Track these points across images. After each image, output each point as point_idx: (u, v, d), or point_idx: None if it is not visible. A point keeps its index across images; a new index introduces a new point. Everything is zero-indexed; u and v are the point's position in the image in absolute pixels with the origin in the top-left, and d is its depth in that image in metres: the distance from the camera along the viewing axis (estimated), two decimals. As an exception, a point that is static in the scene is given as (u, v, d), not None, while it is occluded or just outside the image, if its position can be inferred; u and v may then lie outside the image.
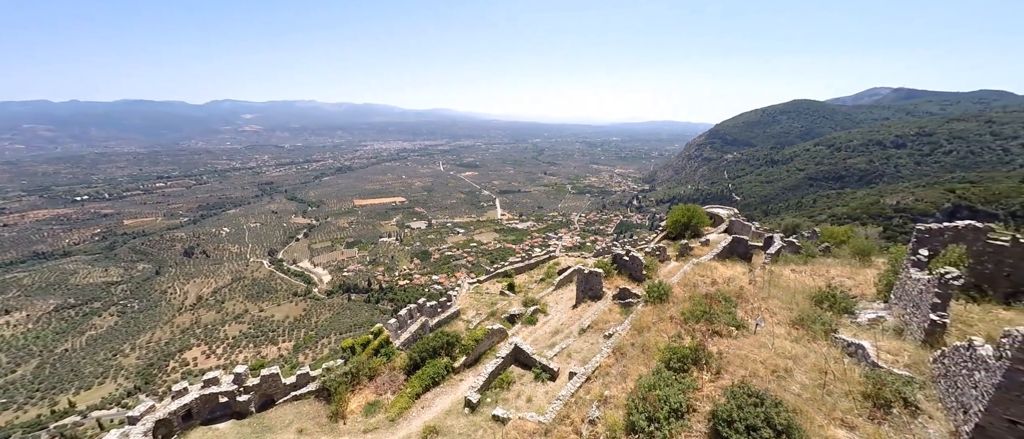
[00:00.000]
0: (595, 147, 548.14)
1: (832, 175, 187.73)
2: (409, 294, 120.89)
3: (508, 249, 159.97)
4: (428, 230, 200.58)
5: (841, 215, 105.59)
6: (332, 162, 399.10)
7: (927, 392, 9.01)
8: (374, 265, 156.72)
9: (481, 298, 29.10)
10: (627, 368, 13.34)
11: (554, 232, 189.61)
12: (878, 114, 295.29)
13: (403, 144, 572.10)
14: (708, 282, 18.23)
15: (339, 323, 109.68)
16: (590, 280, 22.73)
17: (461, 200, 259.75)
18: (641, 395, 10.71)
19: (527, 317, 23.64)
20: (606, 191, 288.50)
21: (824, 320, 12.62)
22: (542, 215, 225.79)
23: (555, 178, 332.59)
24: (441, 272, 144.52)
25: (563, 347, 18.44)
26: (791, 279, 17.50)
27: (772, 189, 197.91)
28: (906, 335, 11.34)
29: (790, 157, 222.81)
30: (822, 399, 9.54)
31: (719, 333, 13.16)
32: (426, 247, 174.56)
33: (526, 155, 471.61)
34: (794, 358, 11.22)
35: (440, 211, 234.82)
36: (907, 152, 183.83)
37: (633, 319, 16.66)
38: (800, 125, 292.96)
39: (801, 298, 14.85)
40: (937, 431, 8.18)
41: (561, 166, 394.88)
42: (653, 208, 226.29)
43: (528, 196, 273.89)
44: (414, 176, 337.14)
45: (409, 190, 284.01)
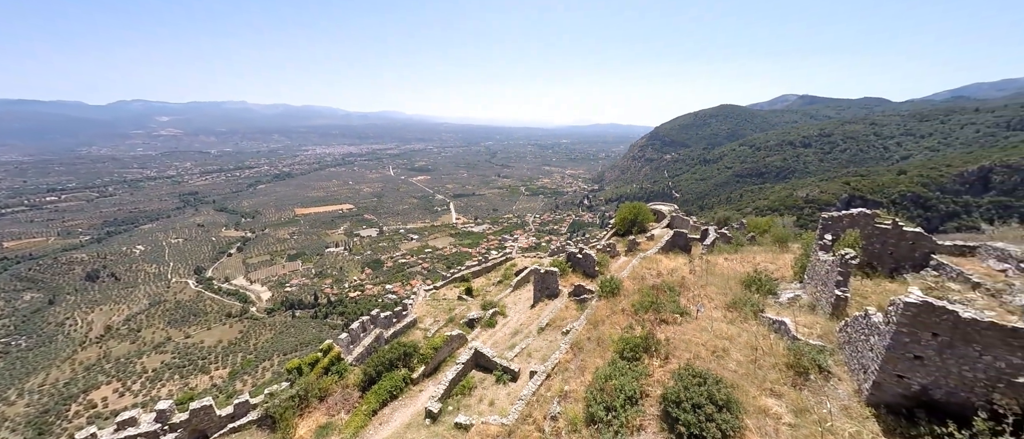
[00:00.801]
0: (546, 149, 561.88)
1: (754, 172, 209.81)
2: (361, 306, 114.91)
3: (464, 253, 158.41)
4: (379, 238, 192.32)
5: (763, 207, 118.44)
6: (268, 169, 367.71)
7: (836, 358, 10.38)
8: (321, 278, 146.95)
9: (438, 305, 28.50)
10: (585, 362, 13.83)
11: (510, 234, 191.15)
12: (788, 118, 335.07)
13: (349, 148, 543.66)
14: (654, 274, 19.47)
15: (283, 343, 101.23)
16: (546, 279, 23.23)
17: (414, 205, 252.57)
18: (598, 386, 11.16)
19: (486, 320, 23.56)
20: (558, 192, 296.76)
21: (753, 302, 14.05)
22: (497, 217, 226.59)
23: (509, 180, 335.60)
24: (395, 281, 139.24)
25: (523, 347, 18.64)
26: (725, 267, 19.25)
27: (706, 186, 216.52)
28: (818, 309, 12.99)
29: (719, 157, 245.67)
30: (754, 373, 10.61)
31: (666, 321, 14.12)
32: (378, 255, 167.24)
33: (479, 158, 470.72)
34: (730, 338, 12.36)
35: (392, 217, 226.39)
36: (812, 151, 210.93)
37: (588, 314, 17.30)
38: (726, 128, 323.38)
39: (733, 283, 16.39)
40: (845, 390, 9.46)
41: (514, 168, 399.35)
42: (603, 207, 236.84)
43: (483, 199, 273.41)
44: (362, 182, 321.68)
45: (357, 196, 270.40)
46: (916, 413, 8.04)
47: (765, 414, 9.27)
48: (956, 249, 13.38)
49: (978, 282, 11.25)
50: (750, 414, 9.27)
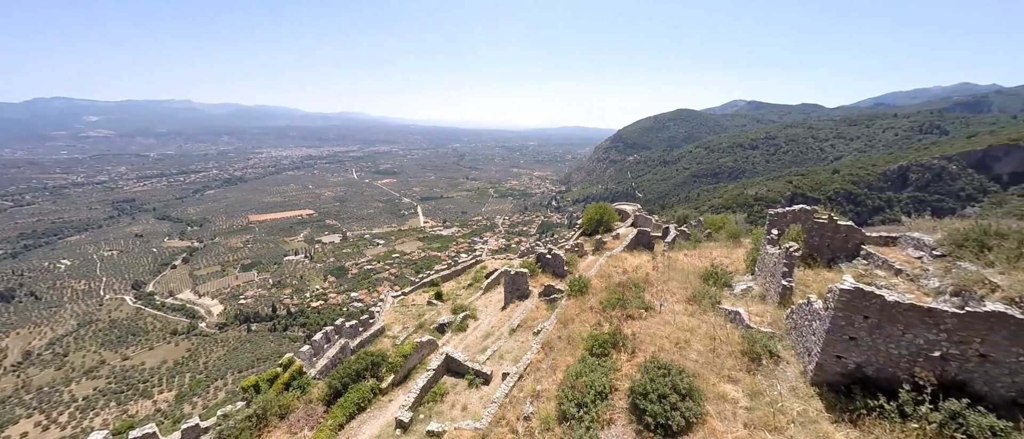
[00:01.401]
0: (514, 151, 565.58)
1: (709, 172, 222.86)
2: (324, 316, 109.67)
3: (434, 257, 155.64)
4: (343, 244, 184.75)
5: (718, 205, 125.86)
6: (218, 173, 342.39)
7: (784, 343, 11.23)
8: (279, 288, 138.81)
9: (407, 311, 27.81)
10: (556, 360, 14.03)
11: (479, 236, 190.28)
12: (738, 122, 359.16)
13: (308, 151, 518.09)
14: (620, 272, 20.14)
15: (238, 360, 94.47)
16: (517, 281, 23.35)
17: (379, 209, 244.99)
18: (569, 384, 11.36)
19: (457, 324, 23.29)
20: (527, 193, 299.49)
21: (711, 295, 14.90)
22: (466, 220, 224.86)
23: (477, 183, 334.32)
24: (361, 288, 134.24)
25: (495, 349, 18.60)
26: (685, 263, 20.27)
27: (666, 186, 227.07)
28: (767, 299, 14.00)
29: (678, 158, 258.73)
30: (713, 361, 11.25)
31: (632, 316, 14.63)
32: (342, 262, 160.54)
33: (447, 160, 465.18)
34: (691, 330, 13.02)
35: (356, 222, 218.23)
36: (759, 152, 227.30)
37: (558, 313, 17.58)
38: (684, 131, 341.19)
39: (693, 278, 17.30)
40: (792, 372, 10.26)
41: (482, 170, 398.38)
42: (570, 207, 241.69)
43: (451, 202, 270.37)
44: (323, 185, 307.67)
45: (318, 201, 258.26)
46: (853, 389, 8.87)
47: (724, 399, 9.85)
48: (881, 240, 14.93)
49: (900, 269, 12.62)
50: (710, 400, 9.82)
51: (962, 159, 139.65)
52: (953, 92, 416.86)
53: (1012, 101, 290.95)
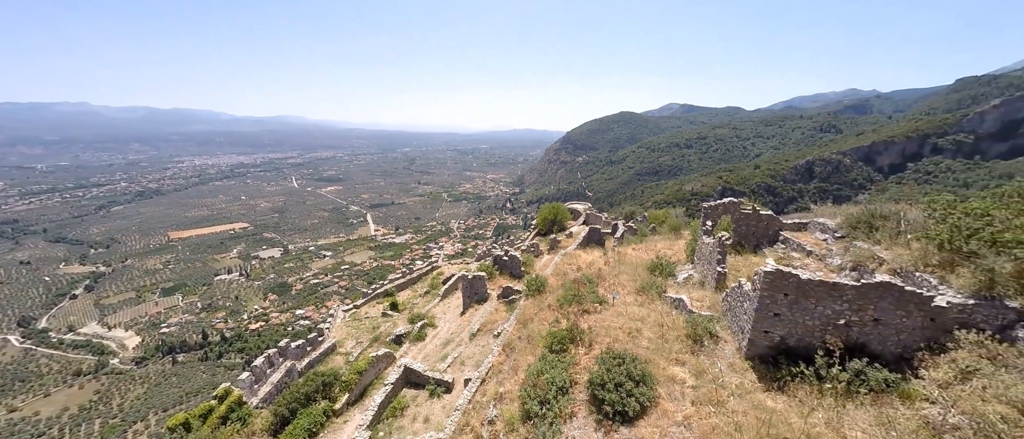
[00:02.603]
0: (466, 155, 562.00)
1: (652, 170, 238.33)
2: (266, 338, 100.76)
3: (387, 266, 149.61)
4: (285, 258, 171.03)
5: (660, 201, 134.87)
6: (127, 185, 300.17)
7: (722, 324, 12.33)
8: (210, 311, 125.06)
9: (361, 324, 26.45)
10: (517, 361, 14.15)
11: (435, 242, 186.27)
12: (674, 123, 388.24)
13: (239, 158, 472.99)
14: (574, 269, 20.83)
15: (162, 397, 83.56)
16: (475, 285, 23.22)
17: (325, 219, 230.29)
18: (531, 383, 11.52)
19: (415, 334, 22.60)
20: (481, 196, 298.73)
21: (657, 285, 15.94)
22: (420, 226, 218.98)
23: (430, 187, 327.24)
24: (307, 304, 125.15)
25: (456, 356, 18.34)
26: (633, 256, 21.47)
27: (614, 184, 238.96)
28: (706, 285, 15.28)
29: (623, 158, 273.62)
30: (662, 347, 12.04)
31: (588, 311, 15.20)
32: (284, 278, 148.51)
33: (397, 165, 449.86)
34: (641, 319, 13.82)
35: (298, 234, 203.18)
36: (693, 151, 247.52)
37: (517, 314, 17.75)
38: (627, 132, 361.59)
39: (641, 270, 18.38)
40: (730, 350, 11.30)
41: (435, 175, 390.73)
42: (525, 209, 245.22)
43: (403, 208, 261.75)
44: (259, 196, 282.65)
45: (254, 213, 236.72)
46: (779, 359, 9.97)
47: (673, 381, 10.58)
48: (795, 226, 16.97)
49: (810, 250, 14.44)
50: (661, 383, 10.49)
51: (853, 154, 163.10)
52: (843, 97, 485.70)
53: (888, 104, 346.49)
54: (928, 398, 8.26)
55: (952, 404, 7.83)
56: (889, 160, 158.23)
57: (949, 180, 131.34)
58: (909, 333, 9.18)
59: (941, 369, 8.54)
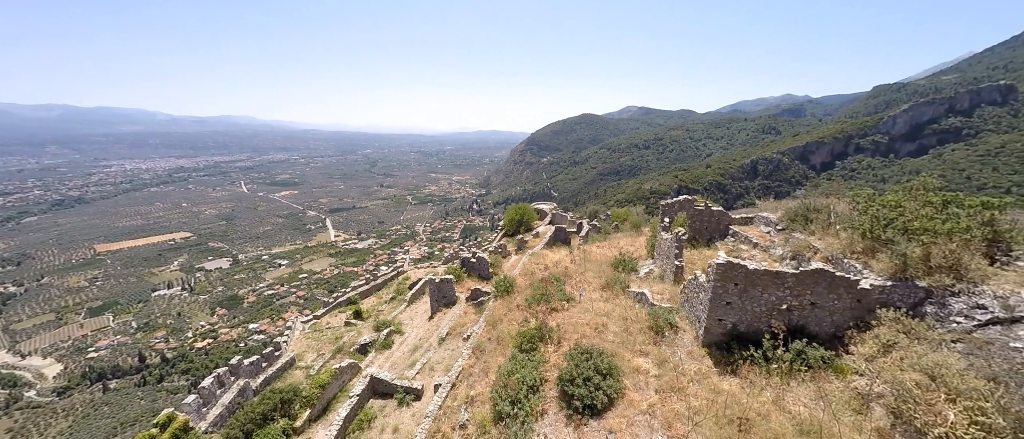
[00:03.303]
0: (431, 156, 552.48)
1: (613, 170, 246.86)
2: (215, 357, 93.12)
3: (349, 273, 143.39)
4: (234, 269, 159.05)
5: (622, 199, 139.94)
6: (42, 193, 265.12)
7: (680, 315, 13.03)
8: (147, 331, 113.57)
9: (322, 335, 25.16)
10: (487, 363, 14.12)
11: (400, 246, 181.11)
12: (633, 125, 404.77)
13: (178, 161, 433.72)
14: (542, 268, 21.11)
15: (92, 430, 74.68)
16: (442, 288, 22.86)
17: (279, 225, 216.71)
18: (502, 383, 11.54)
19: (381, 342, 21.85)
20: (447, 198, 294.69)
21: (621, 280, 16.54)
22: (384, 230, 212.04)
23: (394, 190, 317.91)
24: (262, 317, 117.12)
25: (425, 362, 17.95)
26: (597, 254, 22.13)
27: (578, 184, 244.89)
28: (665, 278, 16.07)
29: (586, 159, 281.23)
30: (627, 339, 12.51)
31: (556, 309, 15.47)
32: (234, 291, 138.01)
33: (358, 167, 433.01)
34: (607, 314, 14.28)
35: (249, 243, 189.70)
36: (651, 152, 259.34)
37: (486, 316, 17.71)
38: (589, 133, 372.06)
39: (605, 267, 18.99)
40: (688, 338, 11.96)
41: (398, 177, 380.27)
42: (492, 210, 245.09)
43: (365, 212, 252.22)
44: (203, 202, 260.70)
45: (197, 221, 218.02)
46: (731, 345, 10.71)
47: (638, 372, 11.03)
48: (743, 220, 18.29)
49: (756, 242, 15.61)
50: (627, 374, 10.90)
51: (791, 153, 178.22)
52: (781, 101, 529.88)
53: (818, 108, 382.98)
54: (857, 371, 9.22)
55: (876, 375, 8.79)
56: (821, 158, 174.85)
57: (870, 176, 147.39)
58: (840, 314, 10.20)
59: (867, 344, 9.56)
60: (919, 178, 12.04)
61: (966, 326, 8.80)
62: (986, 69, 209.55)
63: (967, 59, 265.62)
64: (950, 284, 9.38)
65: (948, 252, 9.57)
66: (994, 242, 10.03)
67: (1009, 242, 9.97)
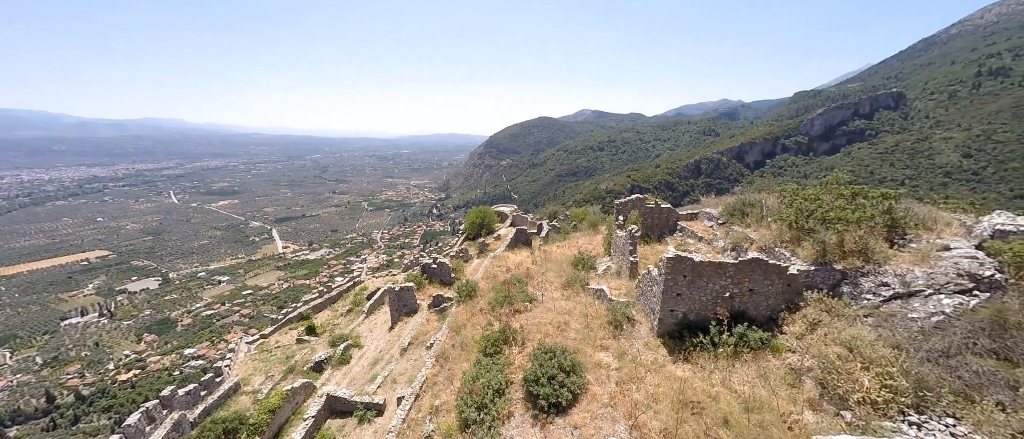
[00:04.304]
0: (387, 161, 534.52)
1: (570, 172, 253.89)
2: (143, 389, 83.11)
3: (301, 287, 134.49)
4: (165, 289, 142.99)
5: (579, 200, 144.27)
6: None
7: (636, 308, 13.65)
8: (57, 366, 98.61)
9: (271, 356, 23.36)
10: (452, 370, 13.87)
11: (356, 255, 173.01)
12: (588, 128, 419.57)
13: (91, 170, 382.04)
14: (504, 270, 21.17)
15: (-22, 488, 63.15)
16: (403, 296, 22.16)
17: (217, 239, 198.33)
18: (467, 390, 11.39)
19: (338, 358, 20.70)
20: (405, 204, 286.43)
21: (581, 278, 17.02)
22: (338, 239, 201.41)
23: (347, 196, 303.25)
24: (199, 341, 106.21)
25: (386, 375, 17.25)
26: (558, 253, 22.60)
27: (537, 186, 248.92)
28: (621, 274, 16.77)
29: (544, 161, 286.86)
30: (588, 335, 12.88)
31: (519, 310, 15.56)
32: (165, 313, 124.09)
33: (306, 174, 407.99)
34: (569, 312, 14.61)
35: (182, 259, 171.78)
36: (605, 153, 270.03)
37: (449, 322, 17.41)
38: (546, 136, 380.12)
39: (566, 266, 19.44)
40: (644, 331, 12.56)
41: (352, 183, 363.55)
42: (452, 214, 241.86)
43: (317, 220, 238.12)
44: (123, 216, 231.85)
45: (116, 238, 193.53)
46: (683, 333, 11.39)
47: (599, 366, 11.39)
48: (689, 216, 19.58)
49: (701, 236, 16.77)
50: (590, 369, 11.22)
51: (728, 153, 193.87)
52: (718, 105, 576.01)
53: (750, 112, 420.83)
54: (790, 349, 10.19)
55: (805, 351, 9.78)
56: (754, 157, 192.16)
57: (794, 172, 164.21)
58: (774, 298, 11.23)
59: (797, 324, 10.62)
60: (832, 174, 13.62)
61: (874, 302, 10.06)
62: (882, 79, 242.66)
63: (867, 70, 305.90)
64: (860, 266, 10.68)
65: (858, 238, 10.91)
66: (892, 228, 11.58)
67: (904, 227, 11.57)
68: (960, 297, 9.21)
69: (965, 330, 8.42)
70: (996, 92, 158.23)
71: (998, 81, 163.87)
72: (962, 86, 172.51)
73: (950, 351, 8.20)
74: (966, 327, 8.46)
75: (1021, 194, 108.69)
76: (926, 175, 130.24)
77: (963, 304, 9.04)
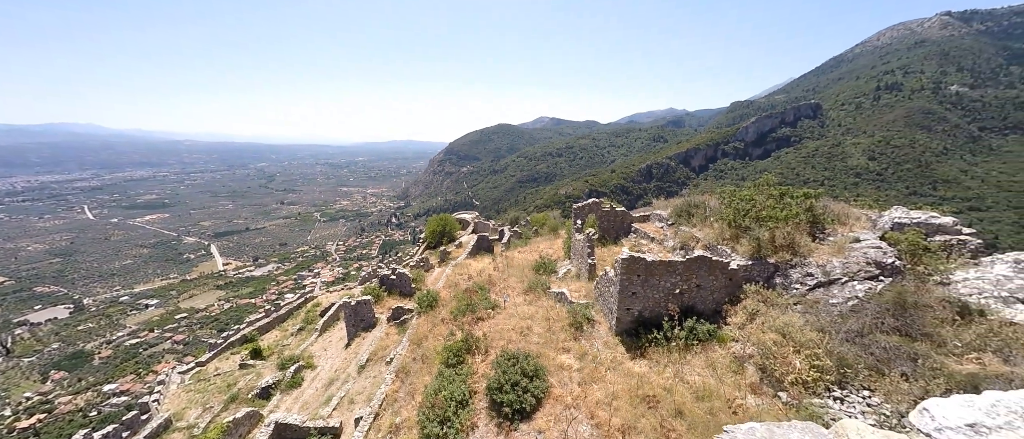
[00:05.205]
0: (341, 168, 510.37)
1: (531, 177, 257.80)
2: (51, 435, 71.92)
3: (245, 306, 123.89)
4: (77, 318, 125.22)
5: (540, 205, 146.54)
6: None
7: (596, 308, 14.05)
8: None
9: (209, 385, 21.25)
10: (414, 385, 13.40)
11: (309, 269, 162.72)
12: (547, 135, 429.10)
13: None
14: (466, 278, 20.92)
15: None
16: (359, 311, 21.15)
17: (144, 258, 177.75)
18: (429, 404, 11.04)
19: (288, 381, 19.27)
20: (362, 213, 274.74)
21: (542, 282, 17.23)
22: (287, 253, 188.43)
23: (298, 207, 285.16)
24: (122, 375, 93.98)
25: (342, 396, 16.31)
26: (520, 259, 22.75)
27: (498, 192, 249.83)
28: (581, 276, 17.21)
29: (505, 167, 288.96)
30: (551, 339, 13.03)
31: (482, 318, 15.41)
32: (78, 345, 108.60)
33: (249, 183, 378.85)
34: (531, 317, 14.71)
35: (100, 282, 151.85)
36: (564, 159, 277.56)
37: (410, 334, 16.86)
38: (506, 143, 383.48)
39: (528, 271, 19.60)
40: (604, 330, 12.95)
41: (303, 192, 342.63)
42: (413, 223, 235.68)
43: (263, 233, 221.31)
44: (23, 235, 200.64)
45: (14, 261, 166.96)
46: (639, 330, 11.89)
47: (562, 368, 11.54)
48: (642, 218, 20.58)
49: (653, 237, 17.68)
50: (553, 372, 11.33)
51: (676, 158, 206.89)
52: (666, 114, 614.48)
53: (694, 120, 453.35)
54: (734, 338, 10.98)
55: (747, 339, 10.59)
56: (698, 162, 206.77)
57: (733, 176, 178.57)
58: (719, 292, 12.07)
59: (738, 315, 11.48)
60: (763, 176, 15.00)
61: (802, 291, 11.15)
62: (802, 91, 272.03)
63: (791, 82, 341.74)
64: (789, 259, 11.80)
65: (786, 234, 12.06)
66: (814, 223, 12.95)
67: (823, 223, 12.98)
68: (869, 283, 10.47)
69: (874, 312, 9.57)
70: (892, 104, 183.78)
71: (893, 94, 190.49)
72: (866, 98, 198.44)
73: (863, 331, 9.26)
74: (875, 309, 9.62)
75: (914, 191, 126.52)
76: (840, 176, 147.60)
77: (872, 288, 10.29)
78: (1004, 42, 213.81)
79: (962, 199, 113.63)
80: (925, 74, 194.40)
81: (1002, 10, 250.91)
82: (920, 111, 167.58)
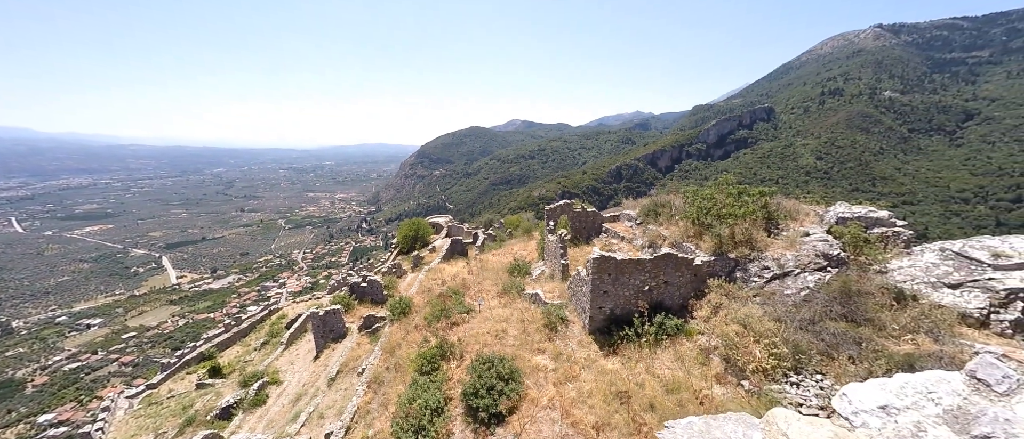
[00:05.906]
0: (306, 173, 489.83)
1: (504, 180, 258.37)
2: (-31, 476, 63.95)
3: (203, 322, 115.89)
4: (6, 342, 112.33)
5: (514, 207, 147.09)
6: None
7: (569, 308, 14.24)
8: None
9: (161, 409, 19.71)
10: (387, 395, 13.03)
11: (274, 279, 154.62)
12: (518, 138, 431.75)
13: None
14: (440, 283, 20.64)
15: None
16: (329, 320, 20.34)
17: (85, 273, 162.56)
18: (403, 413, 10.78)
19: (251, 399, 18.20)
20: (330, 219, 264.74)
21: (517, 285, 17.27)
22: (250, 263, 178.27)
23: (260, 214, 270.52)
24: (61, 403, 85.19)
25: (311, 411, 15.58)
26: (494, 261, 22.71)
27: (472, 195, 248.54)
28: (555, 277, 17.41)
29: (478, 169, 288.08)
30: (526, 341, 13.07)
31: (456, 323, 15.24)
32: (7, 373, 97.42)
33: (206, 190, 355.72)
34: (506, 319, 14.70)
35: (32, 302, 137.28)
36: (536, 161, 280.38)
37: (382, 343, 16.40)
38: (479, 145, 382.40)
39: (502, 273, 19.60)
40: (578, 329, 13.14)
41: (265, 199, 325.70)
42: (384, 228, 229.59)
43: (221, 243, 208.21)
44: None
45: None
46: (611, 328, 12.15)
47: (537, 370, 11.60)
48: (612, 218, 21.10)
49: (623, 236, 18.17)
50: (528, 374, 11.36)
51: (644, 159, 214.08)
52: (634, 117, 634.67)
53: (659, 123, 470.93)
54: (700, 331, 11.46)
55: (711, 332, 11.09)
56: (665, 163, 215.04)
57: (697, 176, 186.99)
58: (685, 287, 12.57)
59: (703, 309, 11.99)
60: (723, 176, 15.80)
61: (760, 283, 11.81)
62: (757, 95, 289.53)
63: (747, 87, 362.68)
64: (748, 253, 12.48)
65: (744, 230, 12.75)
66: (769, 220, 13.77)
67: (777, 219, 13.83)
68: (819, 273, 11.25)
69: (823, 300, 10.29)
70: (835, 108, 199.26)
71: (836, 99, 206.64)
72: (813, 102, 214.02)
73: (814, 319, 9.93)
74: (824, 298, 10.35)
75: (856, 188, 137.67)
76: (792, 175, 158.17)
77: (821, 279, 11.06)
78: (928, 53, 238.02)
79: (896, 194, 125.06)
80: (862, 81, 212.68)
81: (925, 24, 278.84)
82: (859, 114, 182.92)
